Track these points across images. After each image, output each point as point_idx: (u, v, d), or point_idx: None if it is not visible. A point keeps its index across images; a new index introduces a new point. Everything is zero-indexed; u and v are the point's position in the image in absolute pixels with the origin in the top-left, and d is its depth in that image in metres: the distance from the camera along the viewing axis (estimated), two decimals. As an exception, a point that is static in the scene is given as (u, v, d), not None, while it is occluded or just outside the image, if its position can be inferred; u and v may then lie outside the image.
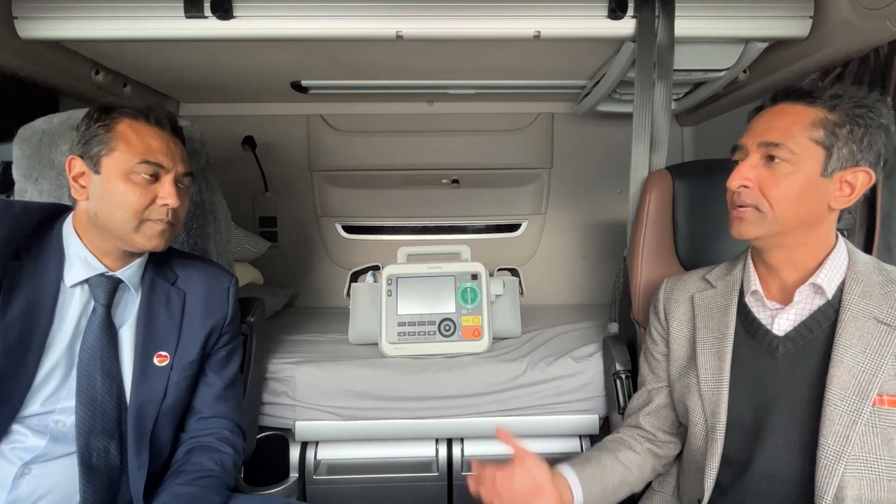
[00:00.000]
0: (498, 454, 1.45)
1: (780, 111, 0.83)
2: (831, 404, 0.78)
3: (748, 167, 0.83)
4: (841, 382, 0.78)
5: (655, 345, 1.04)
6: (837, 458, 0.76)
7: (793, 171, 0.80)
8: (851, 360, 0.79)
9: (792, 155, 0.80)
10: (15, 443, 0.84)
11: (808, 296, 0.84)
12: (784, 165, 0.80)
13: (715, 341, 0.91)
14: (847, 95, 0.79)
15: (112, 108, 0.91)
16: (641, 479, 1.00)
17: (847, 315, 0.81)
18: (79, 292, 0.90)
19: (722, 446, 0.87)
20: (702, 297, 0.96)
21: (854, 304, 0.81)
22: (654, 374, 1.04)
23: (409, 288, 1.52)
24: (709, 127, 2.08)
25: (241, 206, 2.13)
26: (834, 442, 0.77)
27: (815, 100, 0.80)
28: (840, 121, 0.79)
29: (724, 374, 0.88)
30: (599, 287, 2.20)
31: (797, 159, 0.80)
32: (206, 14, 1.22)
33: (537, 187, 2.22)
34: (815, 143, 0.79)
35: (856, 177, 0.80)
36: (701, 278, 0.99)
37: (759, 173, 0.82)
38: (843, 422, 0.77)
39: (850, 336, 0.80)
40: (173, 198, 0.90)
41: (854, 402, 0.77)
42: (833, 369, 0.79)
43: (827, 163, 0.79)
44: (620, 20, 1.26)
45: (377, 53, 1.50)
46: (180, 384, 0.97)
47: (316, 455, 1.43)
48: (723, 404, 0.87)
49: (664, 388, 1.02)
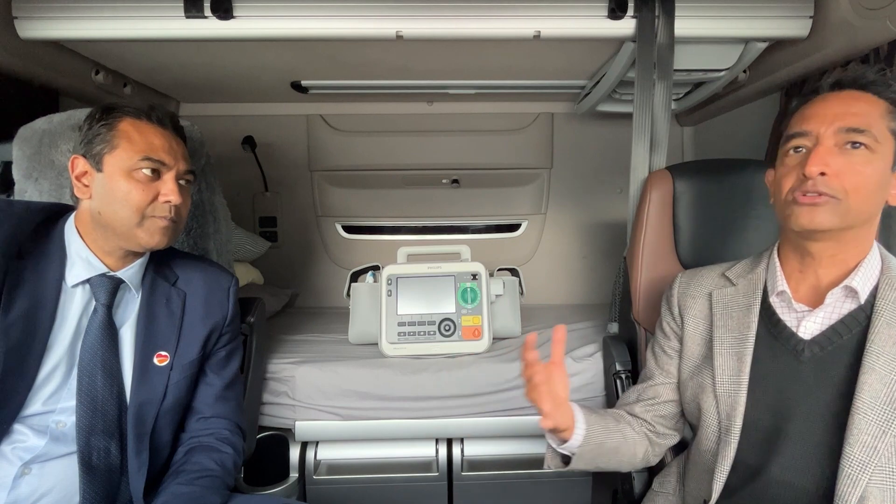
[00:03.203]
0: (498, 454, 1.45)
1: (852, 97, 0.77)
2: (860, 413, 0.74)
3: (825, 152, 0.76)
4: (872, 391, 0.75)
5: (668, 340, 0.99)
6: (863, 469, 0.73)
7: (872, 159, 0.75)
8: (884, 367, 0.75)
9: (875, 143, 0.75)
10: (16, 442, 0.84)
11: (839, 299, 0.81)
12: (865, 153, 0.75)
13: (735, 342, 0.88)
14: None
15: (114, 108, 0.91)
16: (631, 460, 0.98)
17: (881, 321, 0.77)
18: (80, 292, 0.90)
19: (735, 450, 0.84)
20: (721, 294, 0.92)
21: (888, 310, 0.77)
22: (661, 369, 1.00)
23: (409, 288, 1.52)
24: (709, 127, 2.08)
25: (241, 206, 2.14)
26: (861, 452, 0.74)
27: (883, 90, 0.76)
28: None
29: (744, 376, 0.85)
30: (599, 287, 2.20)
31: (879, 147, 0.75)
32: (206, 14, 1.22)
33: (537, 187, 2.22)
34: (892, 133, 0.75)
35: None
36: (720, 275, 0.95)
37: (838, 161, 0.75)
38: (872, 431, 0.74)
39: (883, 343, 0.76)
40: (175, 194, 0.90)
41: (885, 411, 0.74)
42: (864, 376, 0.75)
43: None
44: (620, 20, 1.26)
45: (377, 53, 1.50)
46: (180, 384, 0.97)
47: (316, 455, 1.43)
48: (740, 407, 0.84)
49: (670, 384, 0.98)
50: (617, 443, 0.95)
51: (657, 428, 0.99)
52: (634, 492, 1.13)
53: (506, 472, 1.43)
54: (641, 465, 1.00)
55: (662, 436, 1.00)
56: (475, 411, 1.39)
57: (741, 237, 1.15)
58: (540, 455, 1.46)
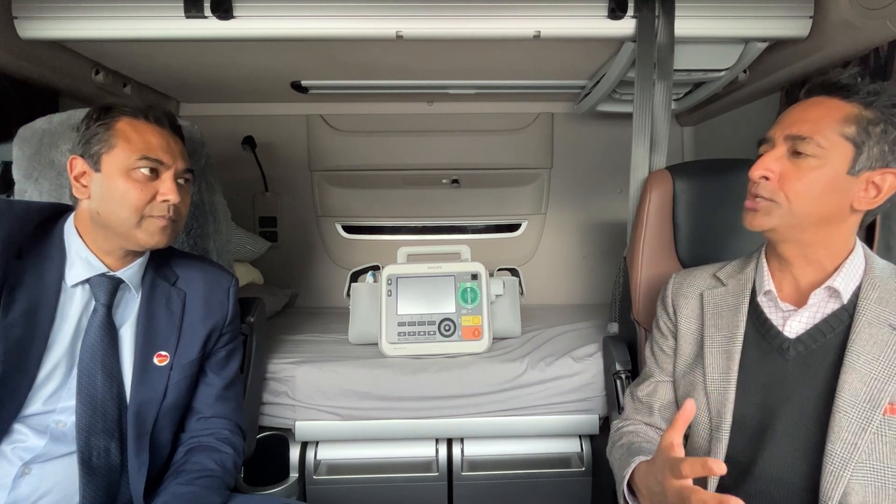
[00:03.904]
0: (498, 454, 1.45)
1: (813, 104, 0.81)
2: (841, 411, 0.76)
3: (772, 158, 0.81)
4: (852, 389, 0.77)
5: (665, 338, 1.01)
6: (844, 465, 0.75)
7: (819, 165, 0.78)
8: (864, 366, 0.77)
9: (818, 149, 0.77)
10: (16, 442, 0.84)
11: (822, 299, 0.83)
12: (810, 160, 0.78)
13: (724, 340, 0.90)
14: (886, 93, 0.77)
15: (111, 108, 0.91)
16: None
17: (862, 321, 0.79)
18: (80, 292, 0.90)
19: (726, 446, 0.86)
20: (712, 294, 0.95)
21: (869, 310, 0.79)
22: (660, 367, 1.01)
23: (409, 288, 1.52)
24: (709, 127, 2.08)
25: (241, 206, 2.13)
26: (841, 449, 0.76)
27: (851, 95, 0.78)
28: (875, 118, 0.76)
29: (732, 373, 0.87)
30: (599, 287, 2.20)
31: (824, 154, 0.77)
32: (206, 14, 1.22)
33: (537, 187, 2.22)
34: (846, 139, 0.77)
35: (884, 178, 0.77)
36: (711, 275, 0.97)
37: (784, 166, 0.80)
38: (852, 429, 0.75)
39: (863, 342, 0.78)
40: (174, 193, 0.90)
41: (864, 409, 0.76)
42: (844, 375, 0.77)
43: (855, 161, 0.77)
44: (620, 20, 1.26)
45: (377, 53, 1.50)
46: (180, 384, 0.97)
47: (316, 455, 1.43)
48: (729, 404, 0.86)
49: (669, 383, 1.00)
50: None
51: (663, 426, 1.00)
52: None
53: (506, 472, 1.43)
54: None
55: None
56: (475, 411, 1.39)
57: (741, 237, 1.15)
58: (540, 455, 1.47)
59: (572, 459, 1.44)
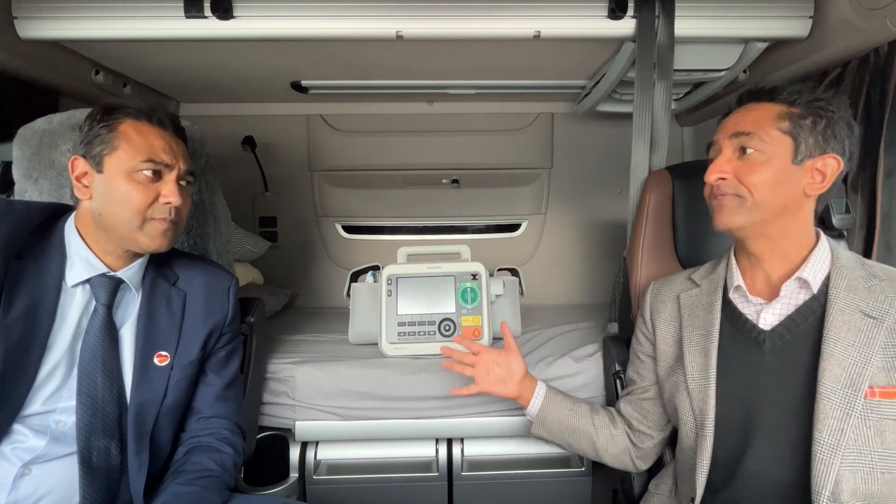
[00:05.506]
0: (498, 454, 1.45)
1: (748, 109, 0.88)
2: (824, 398, 0.79)
3: (724, 160, 0.88)
4: (833, 376, 0.79)
5: (640, 345, 1.06)
6: (833, 452, 0.77)
7: (765, 159, 0.84)
8: (841, 353, 0.80)
9: (762, 144, 0.84)
10: (16, 443, 0.84)
11: (793, 290, 0.86)
12: (756, 155, 0.84)
13: (701, 338, 0.93)
14: (805, 91, 0.85)
15: (115, 109, 0.91)
16: (608, 451, 1.08)
17: (834, 309, 0.82)
18: (80, 292, 0.90)
19: (712, 444, 0.87)
20: (687, 296, 0.99)
21: (840, 298, 0.82)
22: (638, 374, 1.07)
23: (409, 288, 1.52)
24: (709, 127, 2.08)
25: (241, 206, 2.13)
26: (829, 436, 0.77)
27: (777, 96, 0.86)
28: (802, 113, 0.83)
29: (711, 370, 0.89)
30: (599, 287, 2.20)
31: (767, 148, 0.84)
32: (206, 14, 1.22)
33: (537, 187, 2.22)
34: (783, 133, 0.83)
35: (826, 164, 0.83)
36: (686, 278, 1.02)
37: (735, 165, 0.86)
38: (837, 415, 0.78)
39: (838, 329, 0.81)
40: (176, 196, 0.90)
41: (847, 394, 0.78)
42: (824, 363, 0.80)
43: (796, 151, 0.83)
44: (620, 20, 1.26)
45: (377, 53, 1.50)
46: (180, 384, 0.97)
47: (316, 455, 1.43)
48: (710, 401, 0.88)
49: (650, 388, 1.05)
50: (583, 427, 1.08)
51: (634, 424, 1.06)
52: (634, 492, 1.13)
53: (506, 472, 1.43)
54: (609, 459, 1.10)
55: (639, 433, 1.06)
56: (475, 411, 1.39)
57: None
58: (540, 455, 1.47)
59: (572, 459, 1.44)
